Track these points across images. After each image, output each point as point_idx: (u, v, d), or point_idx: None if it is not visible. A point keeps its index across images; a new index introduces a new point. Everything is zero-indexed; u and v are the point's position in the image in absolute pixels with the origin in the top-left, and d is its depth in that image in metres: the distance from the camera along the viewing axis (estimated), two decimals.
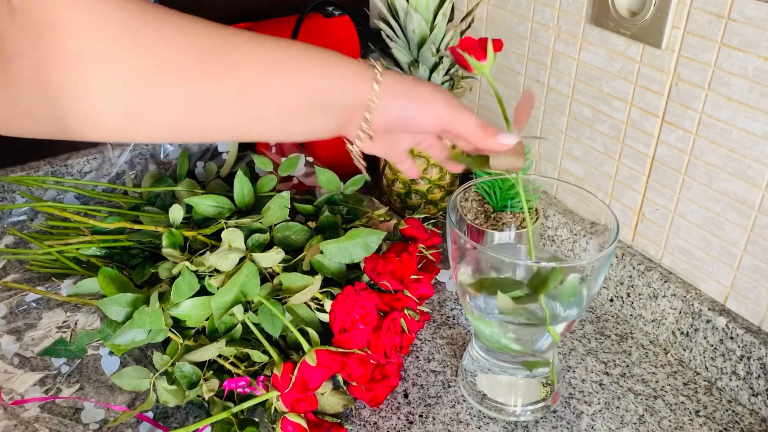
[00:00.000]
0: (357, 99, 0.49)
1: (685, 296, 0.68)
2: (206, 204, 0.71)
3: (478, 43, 0.59)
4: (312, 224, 0.71)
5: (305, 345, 0.58)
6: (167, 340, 0.62)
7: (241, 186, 0.73)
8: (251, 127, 0.48)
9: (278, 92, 0.46)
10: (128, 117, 0.41)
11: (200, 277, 0.63)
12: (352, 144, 0.53)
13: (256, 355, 0.60)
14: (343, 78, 0.49)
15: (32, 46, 0.37)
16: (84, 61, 0.38)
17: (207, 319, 0.63)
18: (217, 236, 0.69)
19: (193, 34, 0.43)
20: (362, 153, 0.54)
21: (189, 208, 0.74)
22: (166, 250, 0.66)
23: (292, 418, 0.56)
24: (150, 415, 0.61)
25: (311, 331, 0.58)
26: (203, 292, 0.63)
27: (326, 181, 0.76)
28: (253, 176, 0.80)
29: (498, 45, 0.60)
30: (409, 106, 0.51)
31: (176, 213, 0.71)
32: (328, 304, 0.62)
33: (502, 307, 0.54)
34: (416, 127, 0.52)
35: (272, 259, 0.63)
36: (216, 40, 0.44)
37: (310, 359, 0.56)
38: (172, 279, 0.62)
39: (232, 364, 0.61)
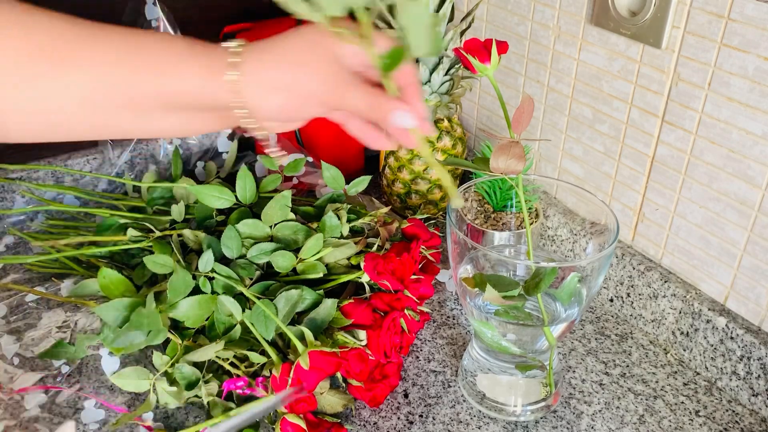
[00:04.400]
0: (214, 100, 0.44)
1: (685, 296, 0.68)
2: (211, 194, 0.71)
3: (483, 45, 0.59)
4: (314, 224, 0.71)
5: (299, 346, 0.58)
6: (168, 340, 0.62)
7: (244, 181, 0.73)
8: (107, 126, 0.45)
9: (119, 92, 0.43)
10: None
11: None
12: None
13: (255, 357, 0.60)
14: (189, 81, 0.43)
15: None
16: None
17: (207, 320, 0.63)
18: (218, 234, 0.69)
19: (35, 30, 0.41)
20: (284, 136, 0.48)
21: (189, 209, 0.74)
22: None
23: (291, 418, 0.56)
24: (150, 416, 0.61)
25: (307, 332, 0.58)
26: (200, 291, 0.63)
27: (331, 178, 0.76)
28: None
29: (503, 47, 0.60)
30: (285, 100, 0.44)
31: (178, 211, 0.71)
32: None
33: (488, 299, 0.54)
34: (303, 117, 0.46)
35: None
36: (48, 35, 0.42)
37: (303, 362, 0.56)
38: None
39: (231, 364, 0.61)
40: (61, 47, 0.42)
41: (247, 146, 1.01)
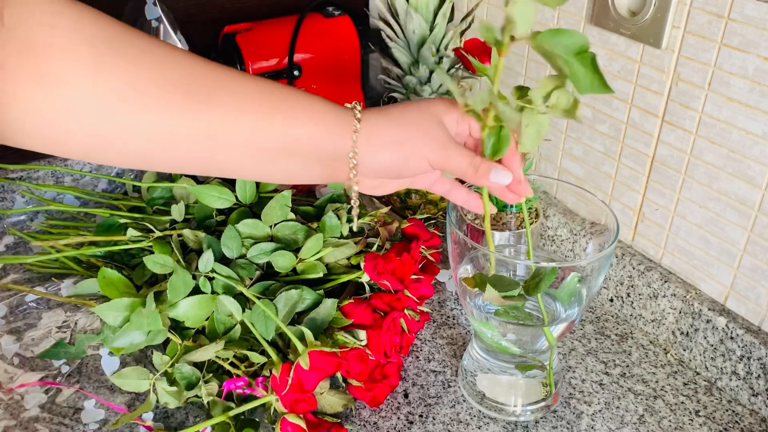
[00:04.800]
0: (334, 151, 0.47)
1: (685, 296, 0.68)
2: (210, 194, 0.71)
3: (482, 45, 0.59)
4: (314, 224, 0.71)
5: (299, 346, 0.58)
6: (168, 340, 0.62)
7: (244, 181, 0.73)
8: (220, 165, 0.47)
9: (244, 135, 0.45)
10: (92, 139, 0.42)
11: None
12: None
13: (255, 357, 0.60)
14: (318, 129, 0.46)
15: (15, 63, 0.39)
16: (55, 81, 0.40)
17: (207, 320, 0.63)
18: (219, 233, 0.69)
19: (165, 65, 0.42)
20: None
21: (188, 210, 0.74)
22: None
23: (291, 419, 0.56)
24: (150, 416, 0.61)
25: (307, 332, 0.58)
26: (200, 291, 0.63)
27: None
28: None
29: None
30: (395, 155, 0.48)
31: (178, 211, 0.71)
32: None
33: (488, 299, 0.54)
34: (405, 173, 0.49)
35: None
36: (185, 73, 0.43)
37: (303, 362, 0.56)
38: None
39: (231, 364, 0.61)
40: (195, 87, 0.43)
41: None
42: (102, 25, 0.41)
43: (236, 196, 0.73)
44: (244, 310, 0.62)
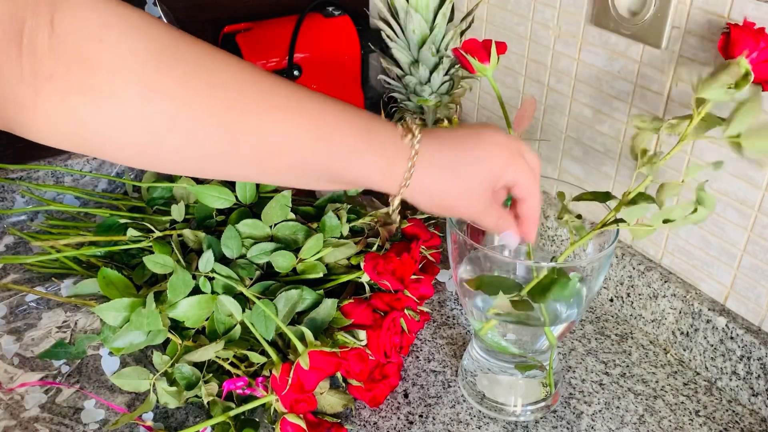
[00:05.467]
0: (380, 186, 0.48)
1: (685, 296, 0.68)
2: (210, 194, 0.71)
3: (482, 45, 0.59)
4: (313, 224, 0.71)
5: (299, 346, 0.58)
6: (168, 340, 0.62)
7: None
8: (271, 178, 0.47)
9: (294, 166, 0.45)
10: (140, 154, 0.42)
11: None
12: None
13: (255, 357, 0.60)
14: (365, 169, 0.46)
15: (63, 75, 0.38)
16: (102, 96, 0.39)
17: (207, 320, 0.63)
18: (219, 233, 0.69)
19: (216, 84, 0.42)
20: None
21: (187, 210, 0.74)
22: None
23: (291, 419, 0.56)
24: (150, 416, 0.61)
25: (307, 332, 0.58)
26: (200, 291, 0.63)
27: None
28: None
29: (501, 48, 0.60)
30: (434, 208, 0.50)
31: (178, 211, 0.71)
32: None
33: (497, 306, 0.54)
34: (446, 215, 0.53)
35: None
36: (239, 91, 0.42)
37: (303, 362, 0.56)
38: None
39: (231, 364, 0.61)
40: (249, 107, 0.43)
41: None
42: (152, 35, 0.40)
43: (236, 196, 0.73)
44: (244, 310, 0.62)
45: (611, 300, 0.77)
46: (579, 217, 0.56)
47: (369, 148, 0.46)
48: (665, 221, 0.51)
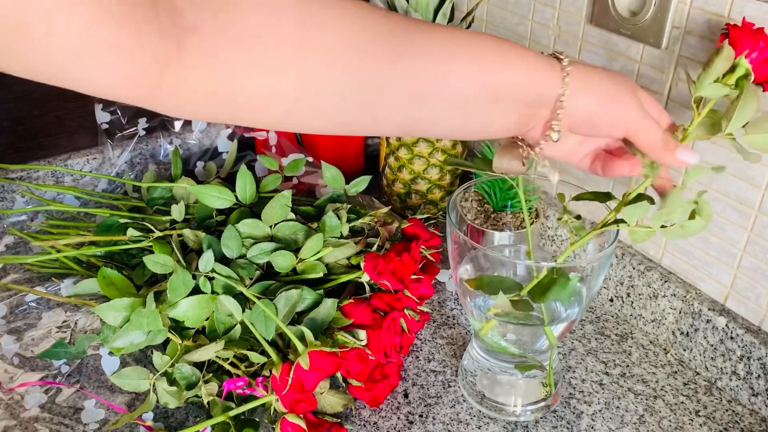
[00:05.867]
0: (544, 93, 0.46)
1: (685, 296, 0.68)
2: (210, 194, 0.71)
3: None
4: (314, 224, 0.71)
5: (299, 346, 0.58)
6: (168, 340, 0.62)
7: (244, 181, 0.73)
8: (423, 120, 0.45)
9: (454, 84, 0.43)
10: (297, 102, 0.40)
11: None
12: (530, 148, 0.49)
13: (255, 356, 0.60)
14: (530, 71, 0.45)
15: (210, 25, 0.36)
16: (261, 41, 0.37)
17: (207, 319, 0.63)
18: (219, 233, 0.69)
19: (366, 19, 0.41)
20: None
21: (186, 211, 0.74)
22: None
23: (291, 419, 0.56)
24: (150, 416, 0.61)
25: (307, 332, 0.58)
26: (200, 291, 0.63)
27: (331, 178, 0.76)
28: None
29: None
30: (600, 105, 0.47)
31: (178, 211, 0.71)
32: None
33: (498, 305, 0.54)
34: (602, 129, 0.48)
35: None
36: (389, 26, 0.41)
37: (303, 362, 0.56)
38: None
39: (231, 364, 0.61)
40: (401, 39, 0.41)
41: (247, 146, 1.01)
42: None
43: (236, 196, 0.73)
44: (244, 310, 0.62)
45: (611, 300, 0.77)
46: (578, 217, 0.56)
47: (520, 50, 0.46)
48: (662, 227, 0.51)
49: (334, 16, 0.39)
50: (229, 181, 0.79)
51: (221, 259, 0.67)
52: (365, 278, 0.67)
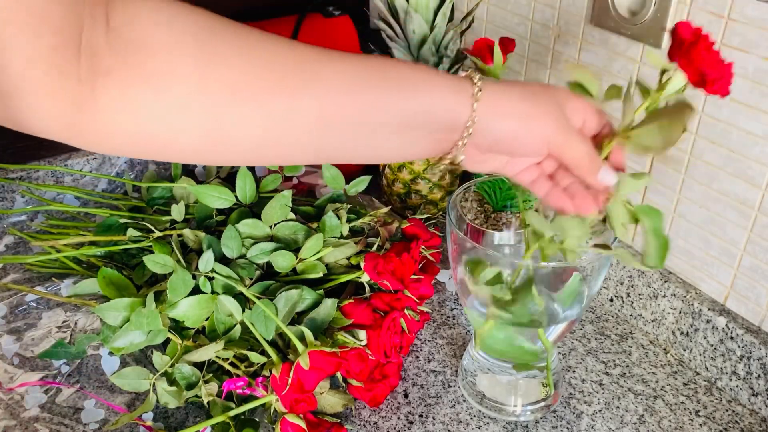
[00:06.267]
0: (453, 119, 0.45)
1: (685, 296, 0.68)
2: (210, 194, 0.71)
3: (489, 45, 0.59)
4: (313, 224, 0.71)
5: (299, 346, 0.58)
6: (168, 340, 0.62)
7: (244, 181, 0.73)
8: (337, 148, 0.46)
9: (359, 112, 0.44)
10: (205, 136, 0.41)
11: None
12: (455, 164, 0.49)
13: (255, 357, 0.60)
14: (437, 98, 0.45)
15: (121, 68, 0.38)
16: (164, 80, 0.39)
17: (207, 319, 0.63)
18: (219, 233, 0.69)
19: (268, 51, 0.42)
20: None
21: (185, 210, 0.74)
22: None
23: (291, 419, 0.56)
24: (150, 416, 0.61)
25: (306, 332, 0.58)
26: (200, 291, 0.63)
27: (331, 178, 0.76)
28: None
29: (510, 46, 0.60)
30: (513, 127, 0.46)
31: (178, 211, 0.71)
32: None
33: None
34: (521, 150, 0.47)
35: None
36: (293, 57, 0.42)
37: (303, 362, 0.56)
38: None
39: (231, 364, 0.61)
40: (305, 69, 0.42)
41: None
42: (199, 16, 0.41)
43: (236, 196, 0.73)
44: (244, 310, 0.62)
45: (611, 300, 0.77)
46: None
47: (429, 75, 0.45)
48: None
49: (234, 51, 0.41)
50: (229, 181, 0.78)
51: (221, 259, 0.67)
52: (365, 278, 0.67)
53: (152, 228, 0.72)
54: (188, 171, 0.96)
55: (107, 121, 0.39)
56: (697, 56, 0.44)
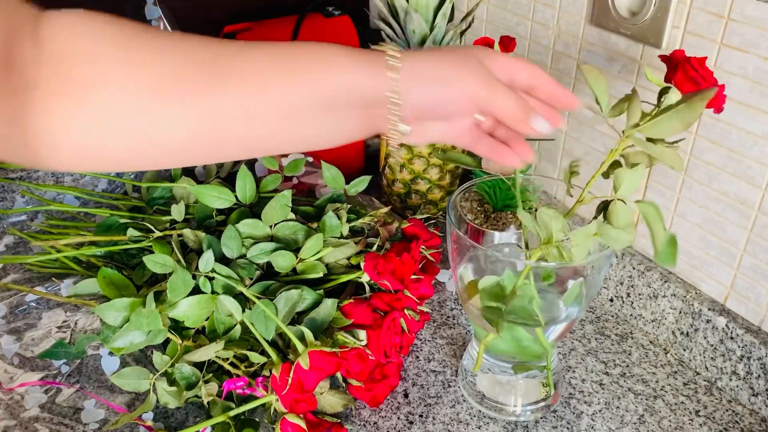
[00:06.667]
0: (373, 94, 0.45)
1: (685, 296, 0.68)
2: (210, 194, 0.71)
3: (489, 45, 0.59)
4: (314, 224, 0.71)
5: (299, 346, 0.58)
6: (168, 340, 0.62)
7: (244, 181, 0.73)
8: (264, 139, 0.46)
9: (279, 98, 0.44)
10: (132, 140, 0.42)
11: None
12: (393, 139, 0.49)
13: (255, 357, 0.60)
14: (349, 74, 0.45)
15: (47, 80, 0.39)
16: (90, 88, 0.40)
17: (207, 319, 0.63)
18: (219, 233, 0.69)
19: (185, 51, 0.42)
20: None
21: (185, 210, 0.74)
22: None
23: (291, 419, 0.56)
24: (150, 416, 0.61)
25: (306, 332, 0.58)
26: (200, 291, 0.63)
27: (331, 178, 0.76)
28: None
29: (510, 45, 0.60)
30: (434, 91, 0.46)
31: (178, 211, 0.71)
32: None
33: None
34: (449, 111, 0.47)
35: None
36: (207, 52, 0.43)
37: (303, 362, 0.56)
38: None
39: (231, 364, 0.61)
40: (221, 64, 0.42)
41: None
42: (119, 25, 0.42)
43: (236, 196, 0.73)
44: (244, 310, 0.62)
45: (611, 300, 0.77)
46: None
47: (343, 52, 0.46)
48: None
49: (152, 54, 0.41)
50: (229, 181, 0.78)
51: (221, 259, 0.67)
52: (365, 278, 0.67)
53: (152, 228, 0.72)
54: (188, 171, 0.96)
55: (44, 134, 0.39)
56: (692, 76, 0.46)
